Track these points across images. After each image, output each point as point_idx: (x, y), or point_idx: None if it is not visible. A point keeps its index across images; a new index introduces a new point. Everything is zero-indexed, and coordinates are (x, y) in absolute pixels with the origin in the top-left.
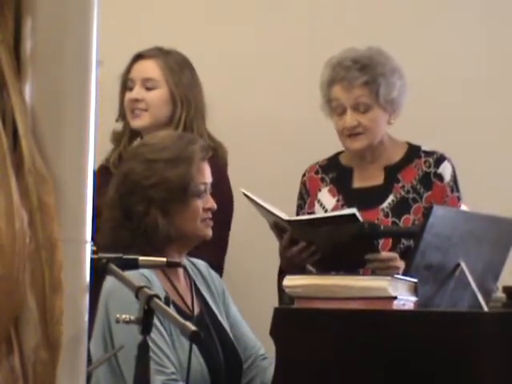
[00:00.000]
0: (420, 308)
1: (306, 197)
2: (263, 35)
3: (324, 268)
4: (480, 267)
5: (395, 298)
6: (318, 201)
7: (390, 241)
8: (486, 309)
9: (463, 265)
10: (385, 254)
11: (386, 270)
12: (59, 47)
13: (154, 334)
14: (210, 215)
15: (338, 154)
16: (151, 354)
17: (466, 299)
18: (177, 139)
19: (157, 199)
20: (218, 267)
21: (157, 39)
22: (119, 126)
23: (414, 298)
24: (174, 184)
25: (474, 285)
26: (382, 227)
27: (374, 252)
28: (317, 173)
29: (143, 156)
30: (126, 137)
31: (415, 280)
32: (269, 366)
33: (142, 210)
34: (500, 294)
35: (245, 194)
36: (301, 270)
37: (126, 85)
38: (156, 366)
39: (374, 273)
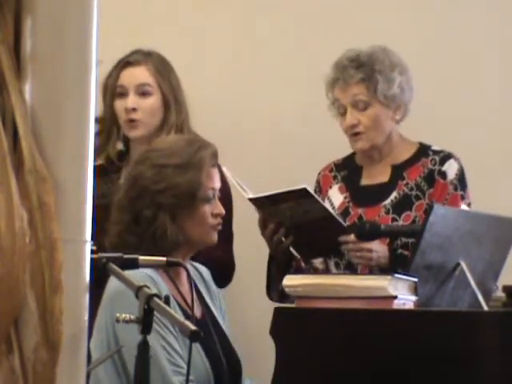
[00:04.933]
0: (420, 307)
1: (318, 194)
2: (262, 34)
3: (305, 252)
4: (480, 267)
5: (395, 297)
6: (328, 198)
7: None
8: (485, 308)
9: (463, 264)
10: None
11: (359, 251)
12: (59, 47)
13: (165, 334)
14: (220, 221)
15: (355, 152)
16: (166, 354)
17: (466, 299)
18: (187, 145)
19: (165, 204)
20: (228, 260)
21: (155, 39)
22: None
23: (414, 298)
24: (183, 190)
25: (474, 284)
26: (382, 226)
27: (344, 234)
28: (331, 171)
29: (153, 161)
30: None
31: (415, 279)
32: None
33: (151, 215)
34: (500, 294)
35: (223, 172)
36: (286, 254)
37: (114, 91)
38: (172, 366)
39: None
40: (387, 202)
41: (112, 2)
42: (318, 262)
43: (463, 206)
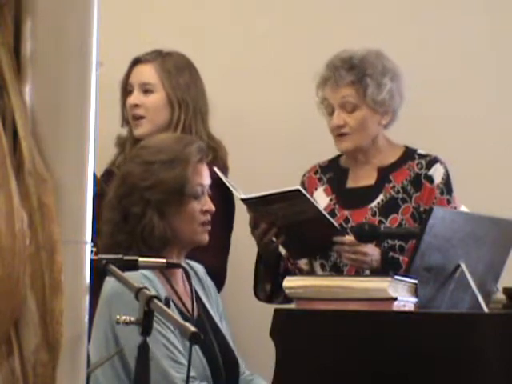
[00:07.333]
0: (420, 309)
1: None
2: (264, 35)
3: (294, 252)
4: (480, 268)
5: (395, 299)
6: (314, 199)
7: None
8: (486, 310)
9: (463, 266)
10: (350, 238)
11: (353, 253)
12: (59, 48)
13: (165, 331)
14: (208, 218)
15: (340, 155)
16: (166, 351)
17: (466, 300)
18: (174, 141)
19: (153, 201)
20: (221, 269)
21: (156, 39)
22: (123, 130)
23: (414, 300)
24: (170, 186)
25: (474, 286)
26: (382, 228)
27: (336, 234)
28: (316, 173)
29: (141, 158)
30: (130, 141)
31: (415, 281)
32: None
33: (139, 212)
34: (500, 296)
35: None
36: (275, 254)
37: (126, 89)
38: (173, 363)
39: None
40: (374, 204)
41: (112, 3)
42: (302, 263)
43: (462, 208)
